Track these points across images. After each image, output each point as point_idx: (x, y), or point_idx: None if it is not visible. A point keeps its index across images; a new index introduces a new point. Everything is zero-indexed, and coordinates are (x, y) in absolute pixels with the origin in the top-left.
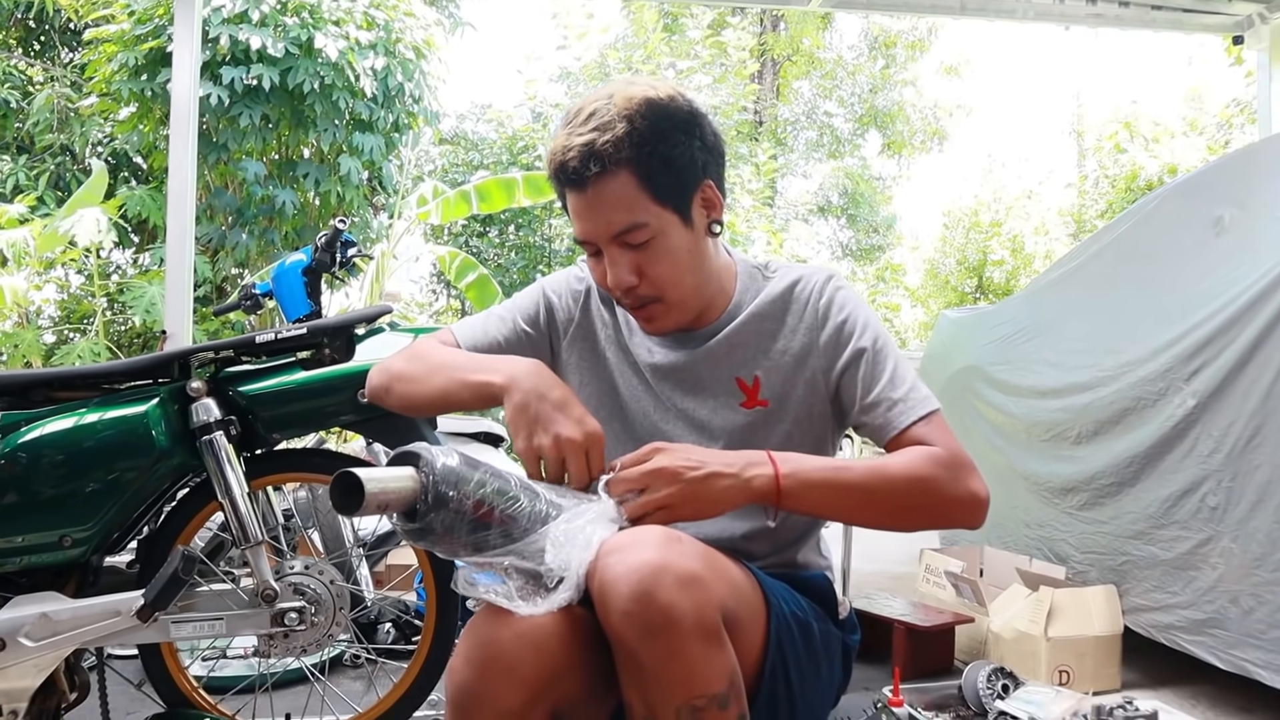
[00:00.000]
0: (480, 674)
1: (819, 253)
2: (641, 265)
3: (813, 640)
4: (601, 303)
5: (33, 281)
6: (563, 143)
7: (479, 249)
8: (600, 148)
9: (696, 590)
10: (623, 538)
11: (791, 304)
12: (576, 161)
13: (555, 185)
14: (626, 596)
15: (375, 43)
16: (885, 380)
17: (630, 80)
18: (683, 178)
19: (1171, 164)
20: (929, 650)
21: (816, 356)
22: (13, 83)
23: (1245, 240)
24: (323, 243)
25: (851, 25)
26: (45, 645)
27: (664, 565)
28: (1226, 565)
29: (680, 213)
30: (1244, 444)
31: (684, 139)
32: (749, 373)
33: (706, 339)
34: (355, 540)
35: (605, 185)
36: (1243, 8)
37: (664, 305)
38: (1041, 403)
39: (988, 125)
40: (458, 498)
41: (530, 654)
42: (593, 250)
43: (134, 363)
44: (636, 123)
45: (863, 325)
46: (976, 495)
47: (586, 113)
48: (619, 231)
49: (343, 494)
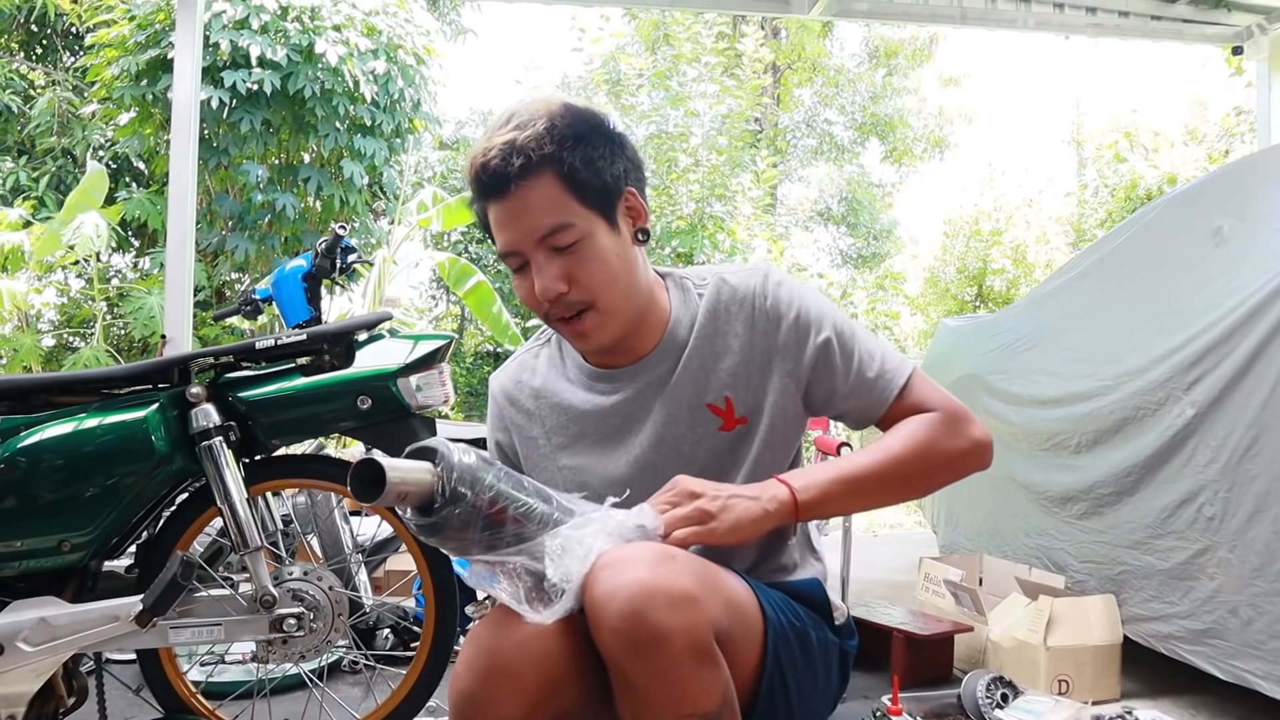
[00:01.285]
0: (483, 682)
1: (819, 260)
2: (571, 270)
3: (810, 649)
4: (554, 379)
5: (33, 285)
6: (482, 146)
7: (478, 255)
8: (522, 143)
9: (688, 610)
10: (617, 553)
11: (734, 310)
12: (498, 160)
13: (476, 200)
14: (616, 615)
15: (376, 48)
16: (856, 364)
17: (547, 93)
18: (605, 180)
19: (1171, 174)
20: (928, 659)
21: (780, 359)
22: (14, 87)
23: (1244, 251)
24: (323, 248)
25: (853, 33)
26: (44, 650)
27: (655, 585)
28: (1224, 575)
29: (605, 216)
30: (1241, 454)
31: (604, 143)
32: (718, 395)
33: (667, 376)
34: (354, 546)
35: (528, 188)
36: (1242, 18)
37: (597, 314)
38: (1041, 412)
39: (988, 134)
40: (473, 495)
41: (532, 662)
42: (518, 264)
43: (134, 368)
44: (557, 121)
45: (817, 315)
46: (980, 441)
47: (506, 116)
48: (545, 233)
49: (363, 482)
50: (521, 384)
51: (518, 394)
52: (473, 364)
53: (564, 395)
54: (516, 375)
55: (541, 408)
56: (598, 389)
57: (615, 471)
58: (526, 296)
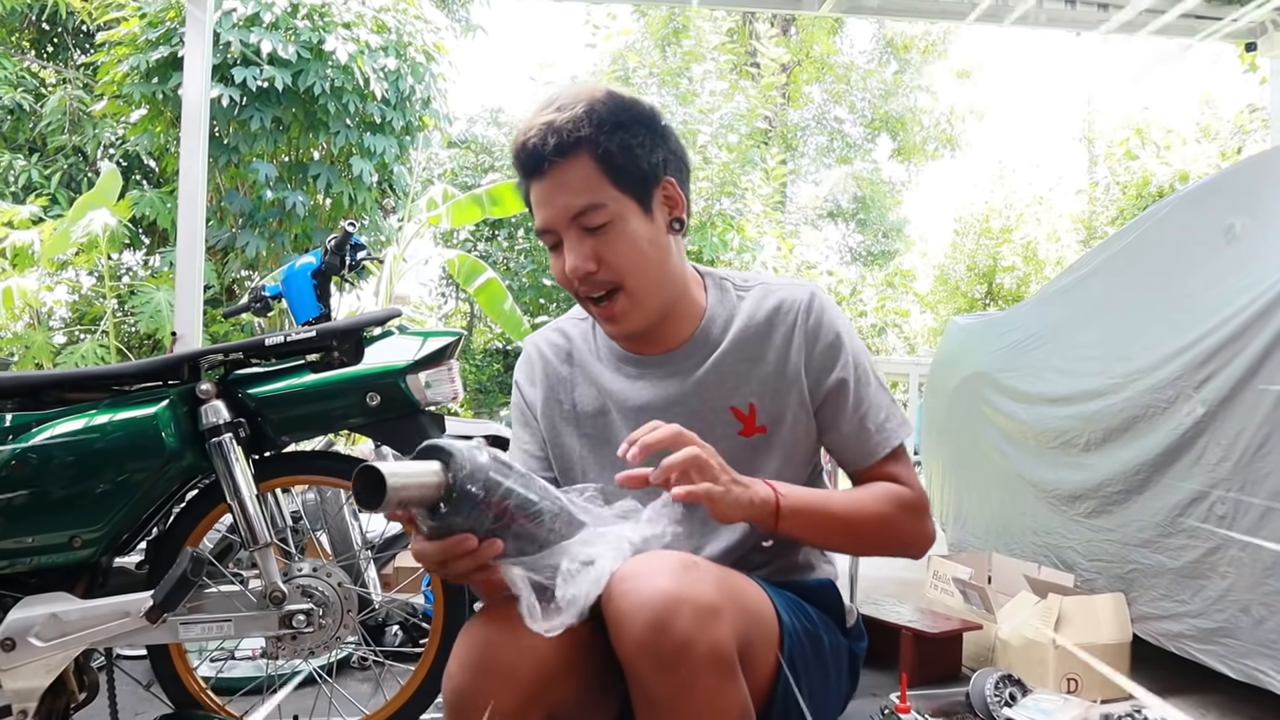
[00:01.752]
0: (475, 677)
1: (828, 258)
2: (600, 250)
3: (822, 652)
4: (586, 354)
5: (44, 283)
6: (524, 126)
7: (488, 252)
8: (560, 125)
9: (712, 622)
10: (639, 564)
11: (778, 325)
12: (536, 139)
13: (519, 179)
14: (642, 627)
15: (386, 46)
16: (864, 411)
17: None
18: (642, 167)
19: (1183, 170)
20: (936, 657)
21: (803, 376)
22: (25, 85)
23: (1256, 248)
24: (332, 245)
25: (863, 30)
26: (55, 645)
27: (680, 596)
28: (1236, 574)
29: (640, 201)
30: (1253, 452)
31: (644, 131)
32: (743, 400)
33: (694, 369)
34: (363, 543)
35: (564, 168)
36: (1255, 14)
37: (626, 296)
38: (1051, 409)
39: (999, 131)
40: (485, 496)
41: (525, 658)
42: (553, 241)
43: (144, 365)
44: (597, 107)
45: (848, 350)
46: (928, 537)
47: (550, 99)
48: (576, 212)
49: (365, 488)
50: (558, 347)
51: (553, 355)
52: (482, 361)
53: (594, 370)
54: (553, 339)
55: (573, 375)
56: (625, 372)
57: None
58: (559, 274)
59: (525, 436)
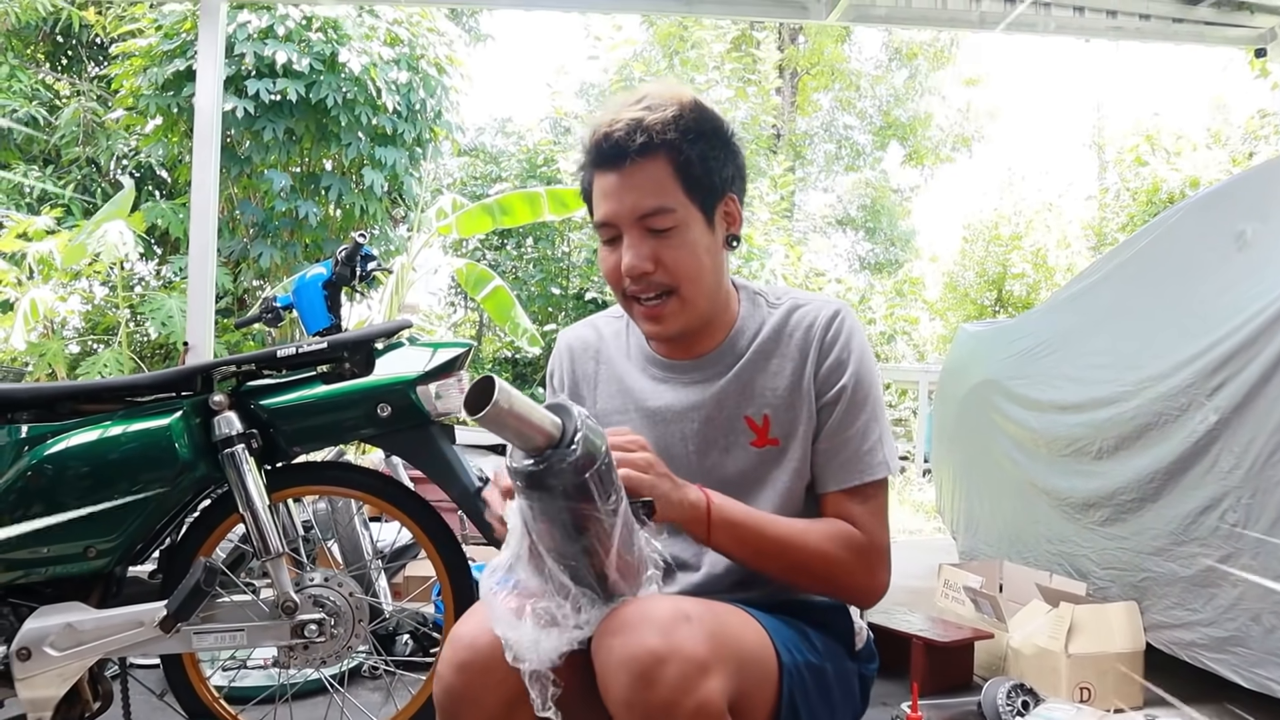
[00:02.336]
0: (463, 676)
1: (837, 265)
2: (660, 253)
3: (826, 685)
4: (615, 352)
5: (59, 293)
6: (610, 116)
7: (497, 262)
8: (649, 124)
9: (700, 679)
10: (629, 615)
11: (797, 336)
12: (623, 132)
13: (587, 166)
14: (626, 684)
15: (399, 58)
16: (853, 430)
17: (680, 84)
18: (713, 179)
19: (1194, 177)
20: (948, 666)
21: (813, 389)
22: (40, 97)
23: (1268, 255)
24: (343, 256)
25: (872, 38)
26: (70, 655)
27: (666, 653)
28: (1247, 582)
29: (705, 212)
30: (1265, 460)
31: (720, 145)
32: (757, 411)
33: (716, 378)
34: (374, 552)
35: (642, 165)
36: (1265, 20)
37: (678, 300)
38: (1062, 417)
39: (1008, 138)
40: (576, 471)
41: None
42: (610, 235)
43: (157, 376)
44: (686, 113)
45: (856, 366)
46: (878, 589)
47: (639, 95)
48: (646, 213)
49: (477, 394)
50: (588, 344)
51: (582, 352)
52: (491, 370)
53: (621, 369)
54: (584, 335)
55: (601, 372)
56: (650, 374)
57: None
58: (611, 270)
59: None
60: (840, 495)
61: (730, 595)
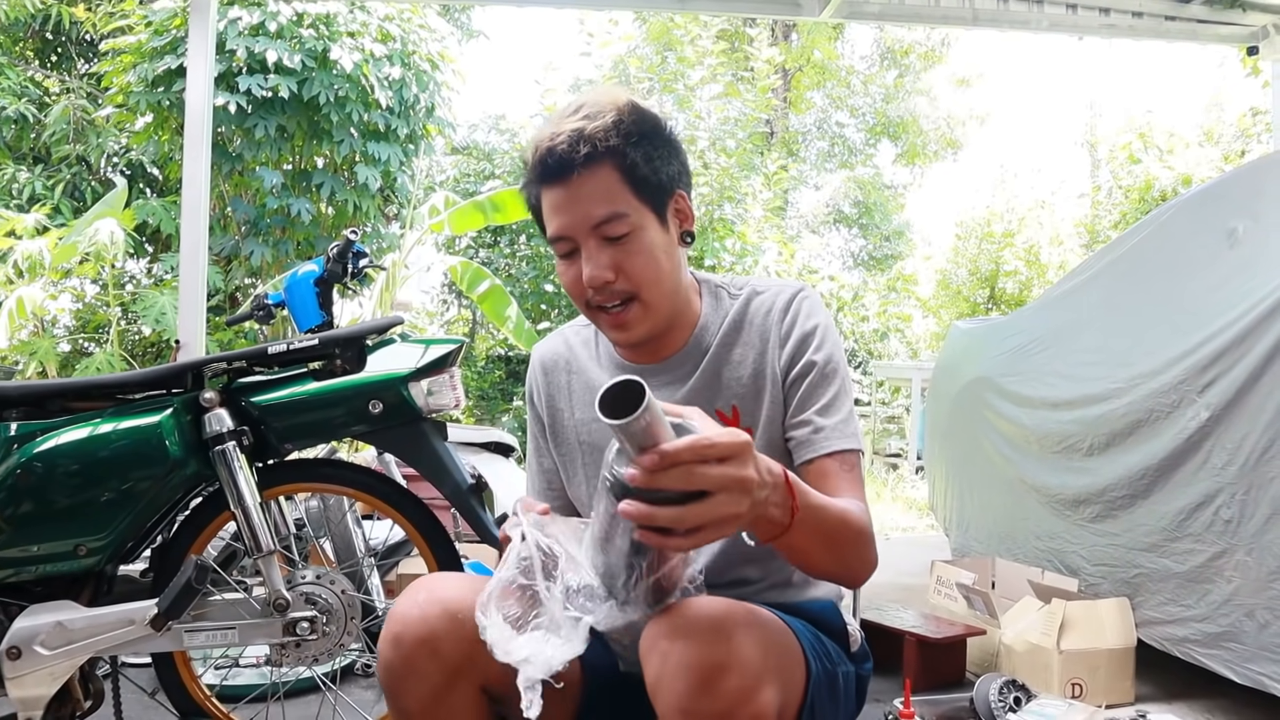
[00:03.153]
0: (403, 652)
1: (830, 263)
2: (620, 260)
3: (837, 689)
4: (586, 361)
5: (49, 291)
6: (550, 130)
7: (490, 259)
8: (590, 133)
9: (756, 691)
10: (683, 620)
11: (757, 323)
12: (565, 145)
13: (533, 183)
14: (684, 692)
15: (390, 54)
16: (823, 402)
17: (615, 88)
18: (660, 178)
19: (1186, 174)
20: (940, 662)
21: (778, 371)
22: (29, 95)
23: (1259, 252)
24: (334, 253)
25: (864, 35)
26: (60, 654)
27: (726, 663)
28: (1241, 578)
29: (657, 213)
30: (1258, 456)
31: (662, 144)
32: (725, 402)
33: (685, 378)
34: (366, 550)
35: (589, 175)
36: (1257, 18)
37: (640, 306)
38: (1053, 414)
39: (1001, 135)
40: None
41: (449, 627)
42: (567, 249)
43: (148, 373)
44: (624, 116)
45: (823, 340)
46: (875, 562)
47: (575, 105)
48: (599, 221)
49: (620, 395)
50: (558, 357)
51: (554, 366)
52: (484, 368)
53: (592, 377)
54: (554, 348)
55: (573, 383)
56: None
57: None
58: (571, 283)
59: (539, 449)
60: (827, 461)
61: (727, 594)
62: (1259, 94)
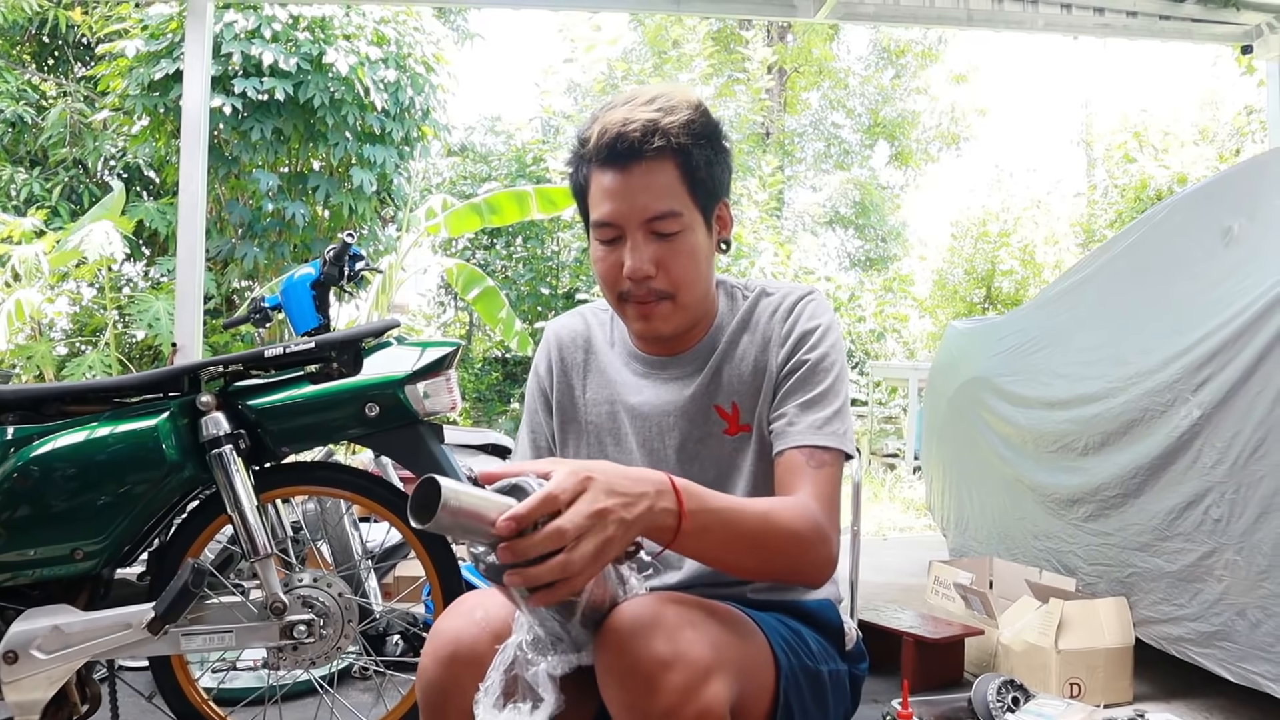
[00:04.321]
0: (448, 669)
1: (826, 263)
2: (664, 258)
3: (821, 687)
4: (602, 343)
5: (46, 295)
6: (623, 115)
7: (486, 261)
8: (665, 125)
9: (703, 685)
10: (635, 616)
11: (763, 322)
12: (638, 132)
13: (588, 161)
14: (629, 691)
15: (386, 57)
16: (806, 397)
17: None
18: (714, 184)
19: (1181, 173)
20: (938, 662)
21: (774, 365)
22: (27, 98)
23: (1254, 251)
24: (331, 256)
25: (860, 35)
26: (57, 658)
27: (671, 658)
28: (1232, 578)
29: (705, 216)
30: (1248, 456)
31: (721, 150)
32: (726, 399)
33: (694, 374)
34: (364, 552)
35: (653, 167)
36: (1251, 17)
37: (671, 305)
38: (1049, 414)
39: (997, 135)
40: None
41: (493, 645)
42: (611, 236)
43: (145, 377)
44: (697, 117)
45: (818, 340)
46: (829, 564)
47: (649, 95)
48: (654, 215)
49: (422, 497)
50: (576, 334)
51: (571, 342)
52: (481, 370)
53: (606, 361)
54: (573, 325)
55: (590, 362)
56: (633, 369)
57: (627, 448)
58: (609, 270)
59: (536, 423)
60: (794, 454)
61: (713, 591)
62: (1255, 92)
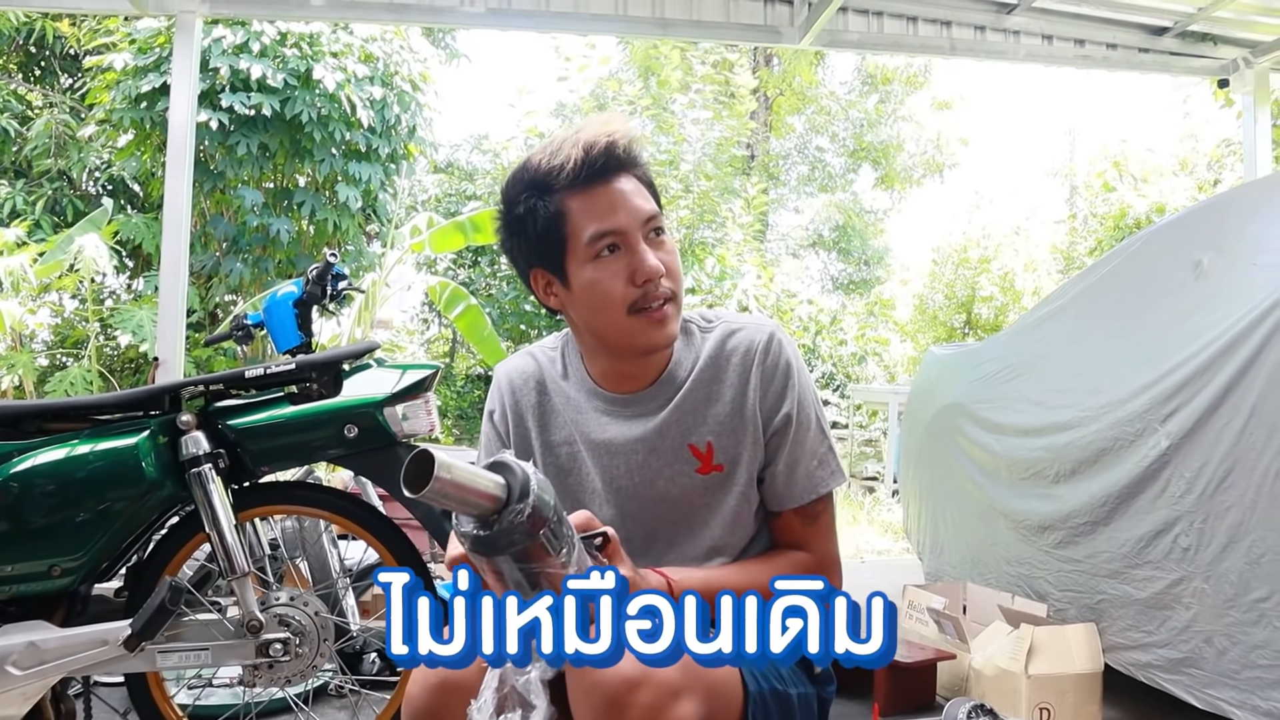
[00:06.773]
0: (437, 695)
1: (809, 286)
2: (663, 258)
3: (789, 710)
4: (558, 381)
5: (28, 306)
6: (603, 129)
7: (470, 279)
8: (634, 140)
9: (671, 704)
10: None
11: (736, 364)
12: (625, 143)
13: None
14: (598, 711)
15: (373, 75)
16: (800, 454)
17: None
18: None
19: (1159, 203)
20: (910, 686)
21: (758, 414)
22: (12, 109)
23: (1222, 284)
24: (314, 275)
25: (845, 61)
26: (32, 674)
27: (639, 678)
28: (1200, 605)
29: None
30: (1215, 486)
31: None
32: (700, 438)
33: (658, 410)
34: (342, 571)
35: (633, 177)
36: (1228, 51)
37: (674, 305)
38: (1023, 441)
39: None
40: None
41: (479, 671)
42: (611, 244)
43: (125, 395)
44: (637, 137)
45: (797, 387)
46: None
47: (600, 120)
48: (650, 216)
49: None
50: (528, 375)
51: (523, 384)
52: (463, 387)
53: (563, 399)
54: (523, 366)
55: (543, 401)
56: (594, 405)
57: (590, 485)
58: (626, 278)
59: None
60: (791, 516)
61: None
62: (1231, 125)
